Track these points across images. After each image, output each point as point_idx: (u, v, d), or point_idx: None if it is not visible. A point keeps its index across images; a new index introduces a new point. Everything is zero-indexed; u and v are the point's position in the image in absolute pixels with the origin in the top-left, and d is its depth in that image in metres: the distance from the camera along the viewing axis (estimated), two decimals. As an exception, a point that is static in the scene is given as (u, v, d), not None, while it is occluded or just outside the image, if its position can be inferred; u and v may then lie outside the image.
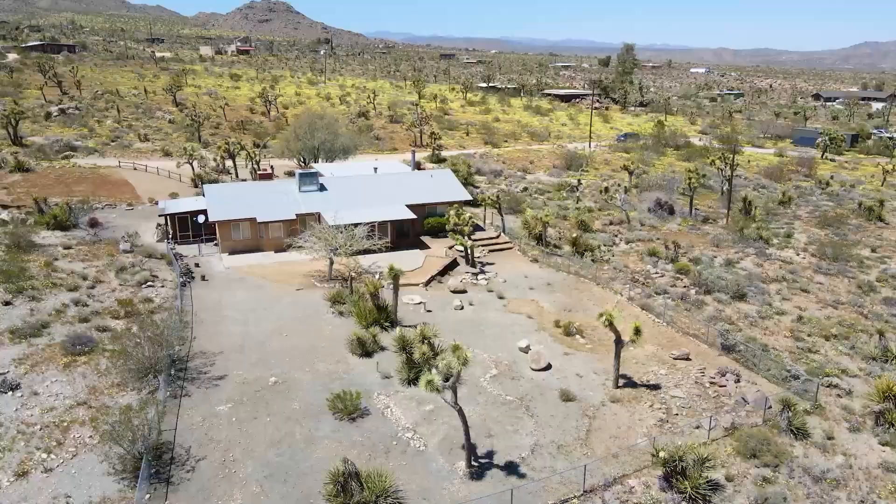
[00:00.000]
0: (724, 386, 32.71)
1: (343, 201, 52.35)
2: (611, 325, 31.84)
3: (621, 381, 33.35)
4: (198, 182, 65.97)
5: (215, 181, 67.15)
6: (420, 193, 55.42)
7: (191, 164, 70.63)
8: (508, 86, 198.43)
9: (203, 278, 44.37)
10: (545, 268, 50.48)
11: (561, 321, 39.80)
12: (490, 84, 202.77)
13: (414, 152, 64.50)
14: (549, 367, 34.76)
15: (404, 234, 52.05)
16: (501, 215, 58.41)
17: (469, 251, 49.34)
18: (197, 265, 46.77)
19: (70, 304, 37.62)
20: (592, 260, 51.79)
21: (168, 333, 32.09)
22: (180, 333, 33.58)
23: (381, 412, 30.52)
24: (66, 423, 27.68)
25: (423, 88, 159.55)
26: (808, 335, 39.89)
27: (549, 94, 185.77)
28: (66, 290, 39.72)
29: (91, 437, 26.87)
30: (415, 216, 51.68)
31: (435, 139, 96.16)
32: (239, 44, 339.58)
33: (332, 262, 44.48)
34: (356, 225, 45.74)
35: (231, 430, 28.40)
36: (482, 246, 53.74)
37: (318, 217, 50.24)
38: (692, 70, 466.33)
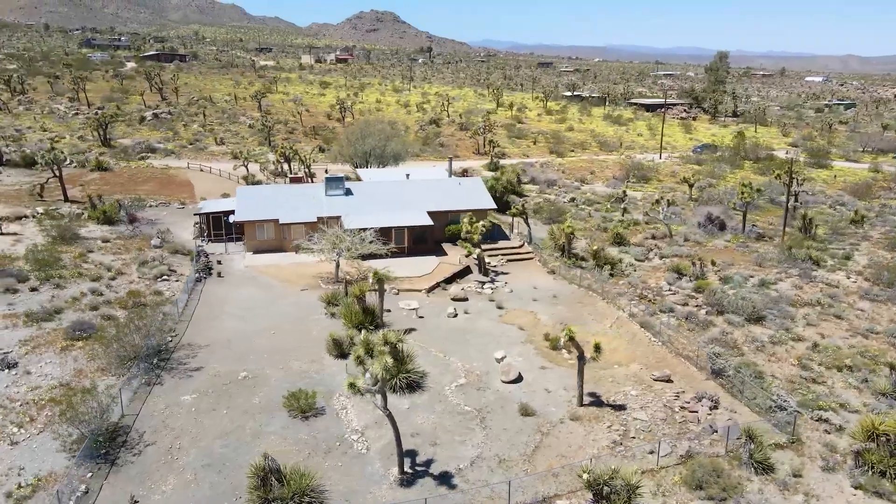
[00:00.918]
0: (696, 412, 30.98)
1: (366, 206, 53.58)
2: (572, 340, 30.96)
3: (588, 400, 32.32)
4: (247, 183, 69.31)
5: (257, 182, 70.34)
6: (445, 200, 55.77)
7: (245, 167, 74.31)
8: (593, 95, 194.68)
9: (219, 275, 46.77)
10: (560, 280, 49.49)
11: (551, 334, 38.96)
12: (575, 93, 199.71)
13: (451, 160, 64.95)
14: (519, 379, 34.20)
15: (422, 240, 52.51)
16: (528, 225, 57.75)
17: (480, 259, 49.17)
18: (219, 262, 49.31)
19: (88, 292, 40.79)
20: (611, 274, 50.24)
21: (150, 324, 34.12)
22: (162, 325, 35.53)
23: (337, 413, 31.14)
24: (43, 402, 30.11)
25: (502, 96, 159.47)
26: (819, 364, 36.96)
27: (635, 104, 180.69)
28: (89, 279, 43.08)
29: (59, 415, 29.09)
30: (431, 222, 52.07)
31: (493, 147, 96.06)
32: (338, 53, 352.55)
33: (338, 265, 45.64)
34: (363, 229, 46.66)
35: (188, 419, 29.90)
36: (502, 255, 53.39)
37: (338, 220, 51.64)
38: (808, 78, 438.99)
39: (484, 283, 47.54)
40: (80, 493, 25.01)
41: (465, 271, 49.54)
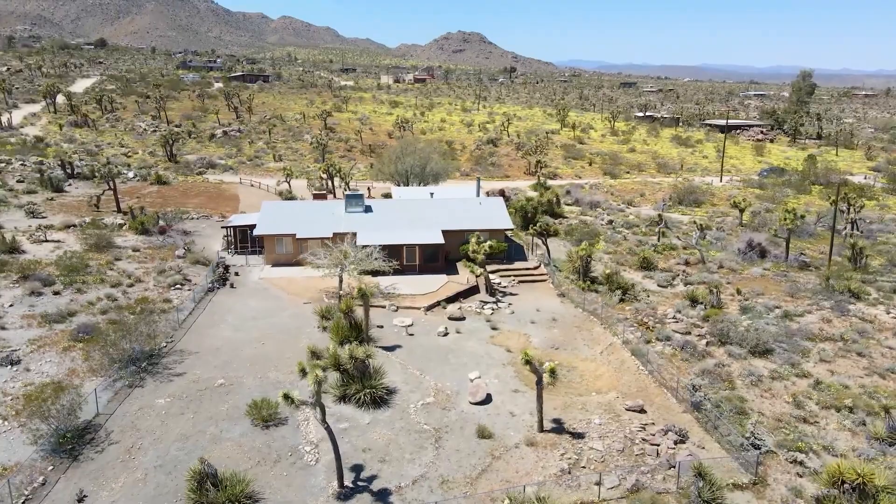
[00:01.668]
0: (657, 445, 29.70)
1: (383, 223, 54.58)
2: (528, 363, 30.47)
3: (550, 426, 31.62)
4: (283, 198, 71.92)
5: (291, 197, 72.72)
6: (462, 219, 56.02)
7: (287, 182, 77.15)
8: (664, 115, 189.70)
9: (231, 286, 48.79)
10: (567, 303, 48.61)
11: (535, 358, 38.28)
12: (646, 113, 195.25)
13: (478, 179, 65.23)
14: (487, 401, 33.89)
15: (433, 258, 52.87)
16: (546, 246, 57.05)
17: (485, 279, 49.02)
18: (236, 274, 51.44)
19: (104, 297, 43.53)
20: (622, 299, 48.87)
21: (141, 330, 36.08)
22: (153, 331, 37.40)
23: (298, 424, 31.85)
24: (32, 397, 32.37)
25: (566, 116, 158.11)
26: (816, 403, 34.62)
27: (709, 125, 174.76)
28: (109, 285, 45.98)
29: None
30: (442, 241, 52.37)
31: (541, 167, 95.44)
32: (417, 73, 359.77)
33: (340, 279, 46.66)
34: (366, 246, 47.53)
35: (155, 421, 31.39)
36: (514, 276, 52.99)
37: (354, 237, 52.81)
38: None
39: (487, 303, 47.34)
40: (37, 484, 26.76)
41: (472, 291, 49.49)
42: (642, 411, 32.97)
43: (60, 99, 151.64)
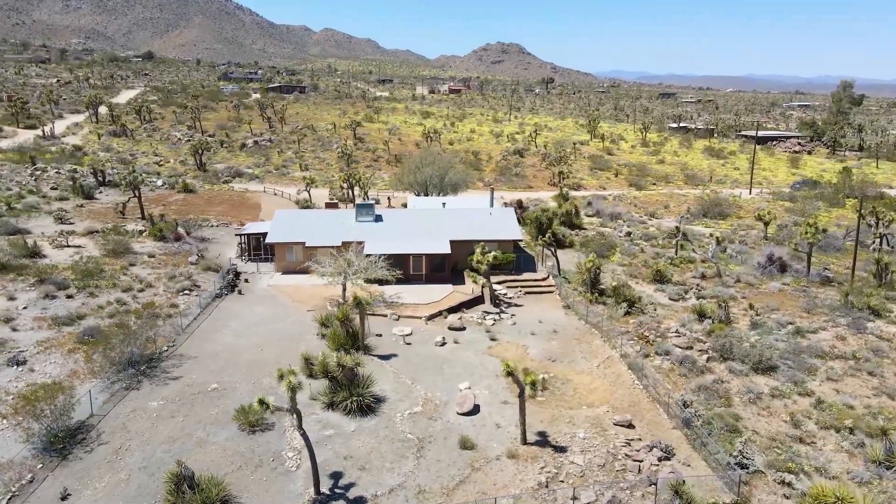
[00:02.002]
0: (640, 461, 29.17)
1: (391, 232, 54.96)
2: (511, 375, 30.29)
3: (535, 438, 31.33)
4: (300, 207, 72.98)
5: (307, 206, 73.68)
6: (471, 229, 56.04)
7: (308, 192, 78.31)
8: (698, 126, 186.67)
9: (240, 292, 49.68)
10: (571, 315, 48.15)
11: (530, 370, 38.02)
12: (680, 124, 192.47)
13: (492, 190, 65.21)
14: (475, 411, 33.77)
15: (440, 268, 52.97)
16: (556, 257, 56.63)
17: (489, 290, 48.91)
18: (246, 280, 52.33)
19: (113, 302, 44.76)
20: (627, 312, 48.19)
21: (140, 335, 37.00)
22: (152, 335, 38.25)
23: (284, 430, 32.21)
24: (27, 397, 33.41)
25: (596, 127, 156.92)
26: (816, 423, 33.55)
27: (744, 136, 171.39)
28: (120, 290, 47.26)
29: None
30: (448, 251, 52.46)
31: (563, 178, 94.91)
32: (452, 84, 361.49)
33: (344, 288, 47.10)
34: (368, 255, 47.91)
35: (145, 423, 32.10)
36: (521, 287, 52.74)
37: (363, 245, 53.29)
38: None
39: (490, 314, 47.20)
40: (24, 482, 27.61)
41: (476, 301, 49.41)
42: (630, 426, 32.44)
43: (103, 109, 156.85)
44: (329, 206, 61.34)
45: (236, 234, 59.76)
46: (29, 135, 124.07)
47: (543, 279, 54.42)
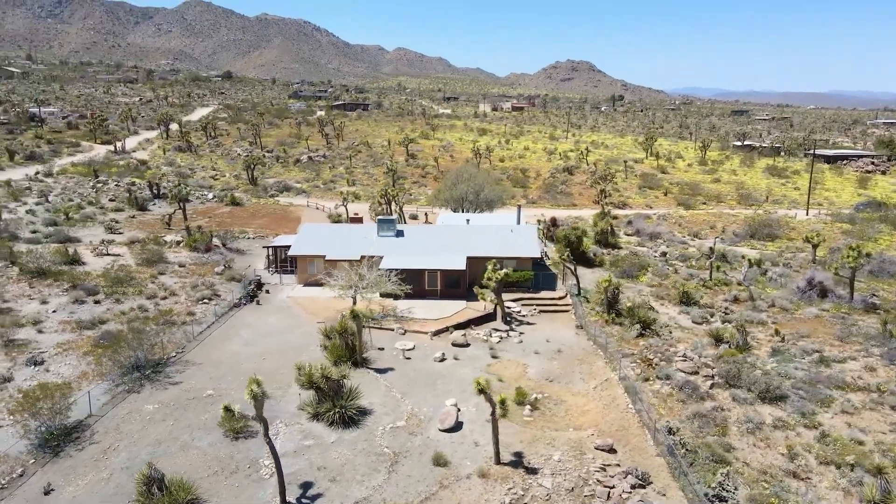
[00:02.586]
0: (611, 487, 28.28)
1: (411, 247, 55.48)
2: (482, 392, 30.01)
3: (510, 458, 30.88)
4: (332, 221, 74.57)
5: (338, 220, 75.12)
6: (491, 246, 55.89)
7: (345, 206, 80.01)
8: (764, 144, 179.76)
9: (258, 303, 51.16)
10: (581, 335, 47.25)
11: (523, 389, 37.59)
12: (745, 142, 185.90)
13: (519, 207, 64.97)
14: (457, 428, 33.63)
15: (455, 284, 52.99)
16: (575, 276, 55.71)
17: (501, 307, 48.61)
18: (267, 292, 53.86)
19: (136, 308, 46.94)
20: (640, 334, 46.87)
21: (148, 340, 38.67)
22: (157, 341, 39.84)
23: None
24: (32, 396, 35.34)
25: (652, 145, 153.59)
26: (816, 457, 31.68)
27: (812, 154, 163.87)
28: (145, 297, 49.50)
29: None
30: (463, 267, 52.44)
31: (604, 196, 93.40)
32: (515, 101, 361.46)
33: (354, 301, 47.82)
34: (382, 270, 48.47)
35: (137, 426, 33.46)
36: (536, 305, 52.16)
37: (379, 259, 53.98)
38: None
39: (498, 331, 46.88)
40: (15, 475, 29.29)
41: (487, 318, 49.18)
42: (612, 451, 31.53)
43: (174, 126, 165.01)
44: (353, 220, 62.50)
45: (264, 247, 61.60)
46: (103, 150, 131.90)
47: (561, 298, 53.64)
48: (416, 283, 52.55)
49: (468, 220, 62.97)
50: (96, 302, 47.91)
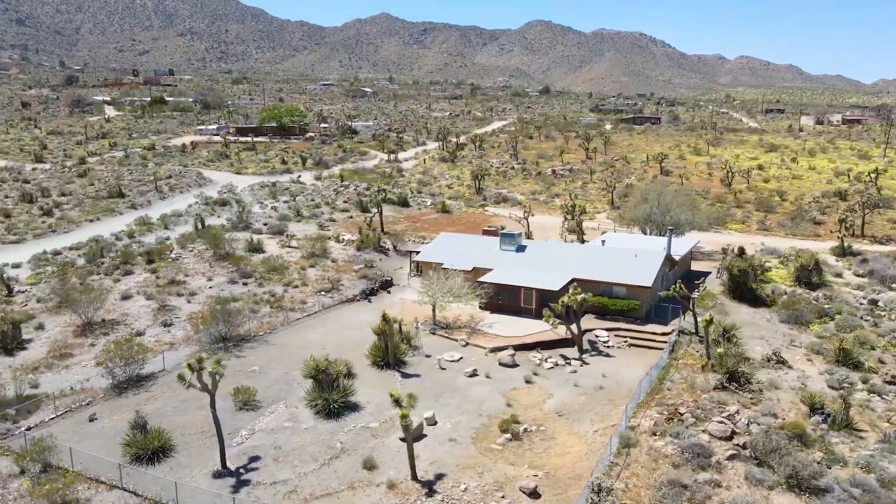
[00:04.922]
0: (485, 530, 26.17)
1: (522, 263, 55.03)
2: (397, 403, 30.12)
3: (429, 477, 30.56)
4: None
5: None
6: (604, 270, 52.40)
7: (526, 219, 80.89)
8: None
9: (369, 300, 56.06)
10: (646, 376, 42.08)
11: (518, 418, 35.81)
12: None
13: (670, 231, 59.05)
14: (416, 440, 33.79)
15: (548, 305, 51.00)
16: (694, 314, 49.01)
17: (578, 334, 45.80)
18: (388, 292, 58.47)
19: (267, 293, 55.37)
20: (724, 386, 39.88)
21: (232, 318, 46.12)
22: (244, 321, 46.95)
23: (266, 413, 37.32)
24: (116, 347, 44.76)
25: None
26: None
27: None
28: (283, 284, 57.82)
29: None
30: (558, 288, 50.19)
31: (844, 226, 78.01)
32: (848, 113, 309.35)
33: (434, 308, 49.64)
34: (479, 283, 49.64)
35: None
36: (630, 337, 47.73)
37: (486, 272, 54.65)
38: None
39: (568, 358, 44.39)
40: (84, 403, 38.41)
41: (563, 343, 46.68)
42: (534, 495, 28.82)
43: (454, 139, 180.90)
44: (486, 233, 63.50)
45: (408, 251, 66.35)
46: (383, 158, 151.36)
47: (665, 334, 48.03)
48: (513, 300, 52.08)
49: (603, 242, 59.43)
50: (244, 283, 57.68)
